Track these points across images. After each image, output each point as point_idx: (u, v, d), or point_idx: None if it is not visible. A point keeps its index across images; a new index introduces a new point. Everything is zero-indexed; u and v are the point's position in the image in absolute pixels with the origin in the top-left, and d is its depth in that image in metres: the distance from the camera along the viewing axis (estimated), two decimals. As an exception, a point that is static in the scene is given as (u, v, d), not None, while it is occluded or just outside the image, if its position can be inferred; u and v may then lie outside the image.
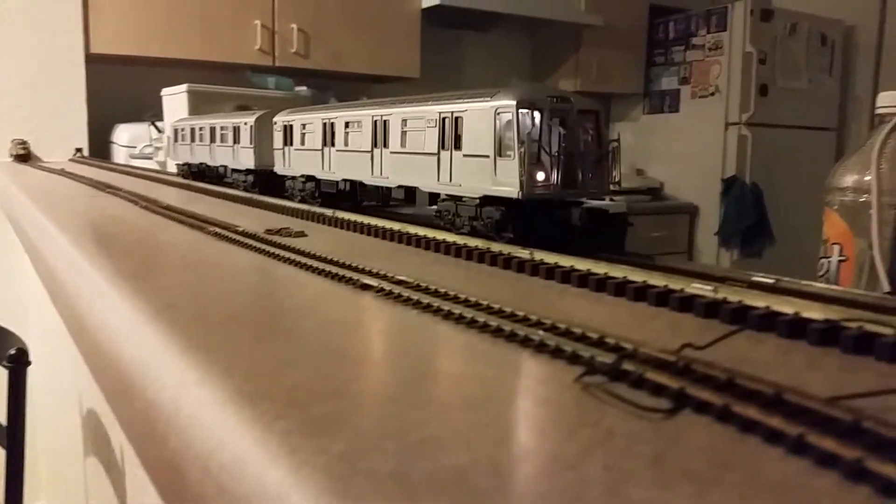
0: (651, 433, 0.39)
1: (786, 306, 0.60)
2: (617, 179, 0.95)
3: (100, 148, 3.50)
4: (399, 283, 0.73)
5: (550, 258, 0.83)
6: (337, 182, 1.31)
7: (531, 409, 0.42)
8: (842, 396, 0.42)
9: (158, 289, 0.74)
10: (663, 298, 0.69)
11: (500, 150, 0.87)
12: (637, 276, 0.73)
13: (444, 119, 0.97)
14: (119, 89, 3.62)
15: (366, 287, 0.73)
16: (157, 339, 0.57)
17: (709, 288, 0.66)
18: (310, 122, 1.41)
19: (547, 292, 0.76)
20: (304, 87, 3.45)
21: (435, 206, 1.05)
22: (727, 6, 4.68)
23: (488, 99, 0.89)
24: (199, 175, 2.12)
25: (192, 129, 2.07)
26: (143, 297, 0.69)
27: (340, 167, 1.27)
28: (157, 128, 3.24)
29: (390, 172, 1.11)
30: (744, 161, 4.74)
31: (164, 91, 2.97)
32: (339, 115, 1.25)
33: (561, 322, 0.57)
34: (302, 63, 3.62)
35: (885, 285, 1.16)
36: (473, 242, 0.94)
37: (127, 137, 3.37)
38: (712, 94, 4.83)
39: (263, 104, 2.42)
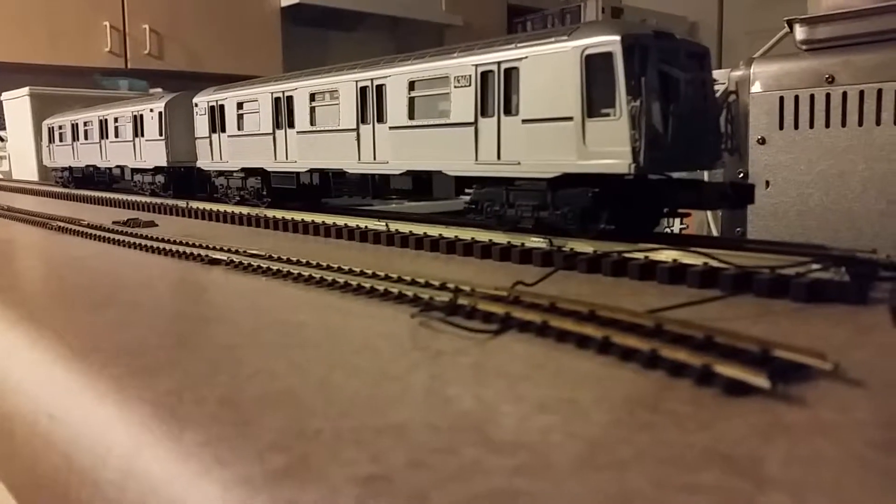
0: (476, 349, 0.41)
1: (610, 249, 0.65)
2: (737, 145, 0.71)
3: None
4: (251, 255, 0.73)
5: (404, 227, 0.85)
6: (297, 174, 1.00)
7: (368, 342, 0.44)
8: (654, 310, 0.47)
9: (-9, 276, 0.71)
10: (506, 253, 0.72)
11: (590, 108, 0.62)
12: (483, 236, 0.77)
13: (483, 74, 0.71)
14: (-46, 96, 3.35)
15: (215, 262, 0.72)
16: (-15, 318, 0.54)
17: (543, 241, 0.70)
18: (251, 98, 1.05)
19: (402, 257, 0.78)
20: (159, 89, 3.32)
21: (466, 196, 0.78)
22: (580, 5, 4.90)
23: (564, 38, 0.64)
24: (84, 181, 1.74)
25: (74, 126, 1.69)
26: (-26, 285, 0.66)
27: (305, 154, 0.96)
28: (-1, 136, 3.02)
29: (390, 155, 0.83)
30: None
31: (4, 95, 2.78)
32: (299, 86, 0.96)
33: (407, 275, 0.59)
34: (156, 65, 3.48)
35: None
36: (330, 219, 0.94)
37: (-35, 147, 3.13)
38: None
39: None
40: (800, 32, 1.11)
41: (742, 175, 1.14)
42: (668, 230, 1.42)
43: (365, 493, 0.24)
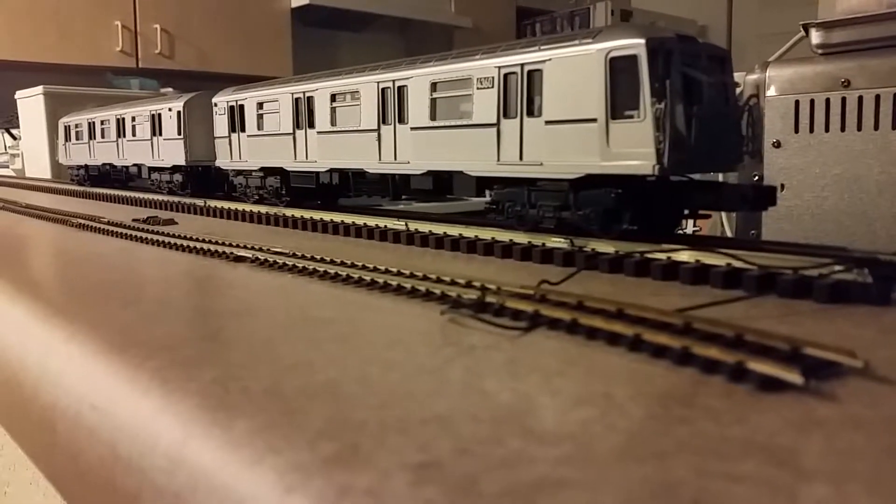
0: (509, 345, 0.42)
1: (631, 249, 0.65)
2: (758, 148, 0.74)
3: (-53, 158, 3.25)
4: (275, 253, 0.74)
5: (424, 227, 0.86)
6: (317, 174, 1.02)
7: (400, 337, 0.44)
8: (681, 309, 0.47)
9: (20, 270, 0.72)
10: (527, 253, 0.73)
11: (614, 110, 0.63)
12: (504, 236, 0.77)
13: (506, 76, 0.72)
14: (-34, 95, 3.37)
15: (240, 259, 0.73)
16: (20, 311, 0.55)
17: (564, 241, 0.71)
18: (271, 98, 1.06)
19: (422, 256, 0.79)
20: (170, 89, 3.34)
21: (487, 197, 0.79)
22: (589, 7, 4.91)
23: (589, 41, 0.65)
24: (100, 179, 1.75)
25: (91, 124, 1.70)
26: (3, 278, 0.67)
27: (326, 154, 0.97)
28: (11, 135, 3.04)
29: (411, 155, 0.84)
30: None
31: (19, 94, 2.80)
32: (320, 87, 0.97)
33: (431, 273, 0.60)
34: (167, 64, 3.51)
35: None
36: (350, 219, 0.95)
37: (-22, 146, 3.15)
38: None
39: (129, 105, 2.30)
40: (815, 36, 1.11)
41: (757, 178, 1.15)
42: (681, 231, 1.42)
43: (417, 478, 0.25)
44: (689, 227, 1.50)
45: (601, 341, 0.42)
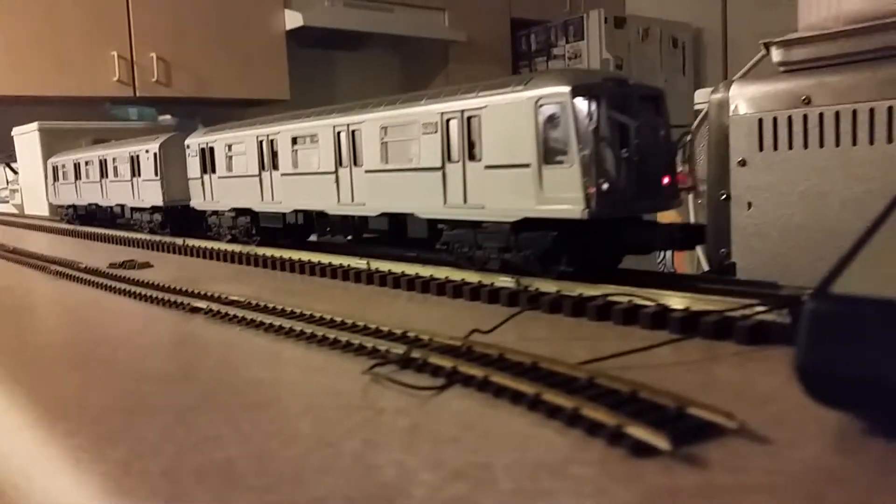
0: (417, 408, 0.44)
1: (573, 290, 0.67)
2: (693, 184, 0.76)
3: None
4: (230, 303, 0.76)
5: (384, 266, 0.88)
6: (283, 215, 1.05)
7: (317, 401, 0.46)
8: (590, 360, 0.49)
9: (-17, 331, 0.74)
10: (476, 293, 0.75)
11: (545, 155, 0.66)
12: (457, 275, 0.79)
13: (448, 121, 0.75)
14: (-33, 131, 3.43)
15: (196, 310, 0.75)
16: (-30, 378, 0.57)
17: (511, 280, 0.72)
18: (238, 141, 1.09)
19: (381, 297, 0.80)
20: (168, 116, 3.38)
21: (441, 237, 0.81)
22: (583, 16, 4.93)
23: (520, 88, 0.67)
24: (87, 218, 1.80)
25: (77, 165, 1.75)
26: (-34, 341, 0.69)
27: (289, 195, 1.00)
28: (12, 170, 3.09)
29: (367, 197, 0.87)
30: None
31: (15, 131, 2.84)
32: (282, 130, 0.99)
33: (372, 323, 0.62)
34: (164, 92, 3.55)
35: (705, 265, 1.27)
36: (316, 258, 0.97)
37: (-22, 181, 3.20)
38: (576, 99, 5.06)
39: (124, 137, 2.34)
40: (776, 54, 1.12)
41: (724, 197, 1.16)
42: (660, 261, 1.43)
43: (268, 574, 0.27)
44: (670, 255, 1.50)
45: (506, 400, 0.44)
